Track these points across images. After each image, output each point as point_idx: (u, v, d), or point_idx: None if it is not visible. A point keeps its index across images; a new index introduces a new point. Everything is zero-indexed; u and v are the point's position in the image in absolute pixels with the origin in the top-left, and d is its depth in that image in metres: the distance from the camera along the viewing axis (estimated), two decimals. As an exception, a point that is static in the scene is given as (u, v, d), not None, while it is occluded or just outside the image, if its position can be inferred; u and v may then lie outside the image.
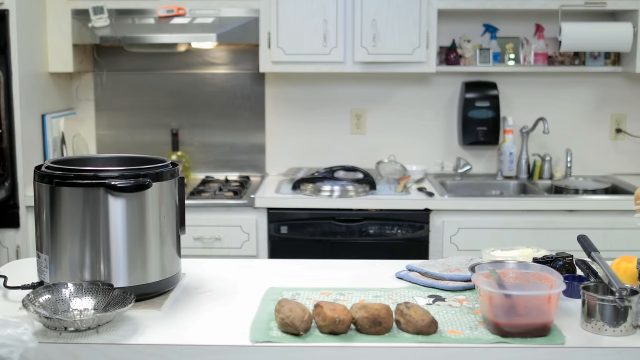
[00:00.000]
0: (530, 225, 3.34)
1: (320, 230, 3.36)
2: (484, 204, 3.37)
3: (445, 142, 3.97)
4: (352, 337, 1.54)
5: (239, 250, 3.36)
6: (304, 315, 1.53)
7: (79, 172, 1.69)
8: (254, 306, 1.73)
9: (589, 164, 3.96)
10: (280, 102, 3.95)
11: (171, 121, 3.97)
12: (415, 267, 1.99)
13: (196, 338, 1.55)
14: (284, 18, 3.52)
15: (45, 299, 1.62)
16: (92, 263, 1.69)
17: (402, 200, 3.37)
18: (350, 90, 3.94)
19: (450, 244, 3.35)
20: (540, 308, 1.52)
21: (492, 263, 1.71)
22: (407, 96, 3.94)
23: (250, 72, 3.92)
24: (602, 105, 3.94)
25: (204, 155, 4.00)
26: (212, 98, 3.96)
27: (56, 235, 1.70)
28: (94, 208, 1.67)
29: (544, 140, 3.93)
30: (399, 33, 3.51)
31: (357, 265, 2.10)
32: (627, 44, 3.55)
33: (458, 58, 3.82)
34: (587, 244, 1.80)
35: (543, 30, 3.81)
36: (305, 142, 3.98)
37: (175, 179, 1.80)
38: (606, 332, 1.55)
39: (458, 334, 1.55)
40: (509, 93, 3.92)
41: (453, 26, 3.86)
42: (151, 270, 1.74)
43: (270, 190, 3.52)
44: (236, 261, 2.15)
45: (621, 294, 1.55)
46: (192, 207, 3.33)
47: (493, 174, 3.94)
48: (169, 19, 3.56)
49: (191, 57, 3.93)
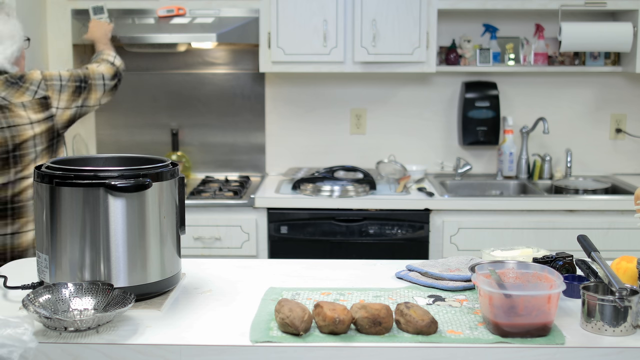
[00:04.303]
0: (530, 225, 3.34)
1: (320, 230, 3.36)
2: (484, 204, 3.37)
3: (445, 142, 3.97)
4: (352, 337, 1.54)
5: (239, 250, 3.36)
6: (304, 315, 1.53)
7: (79, 172, 1.69)
8: (254, 306, 1.73)
9: (589, 164, 3.96)
10: (280, 102, 3.95)
11: (171, 121, 3.97)
12: (415, 267, 1.99)
13: (196, 338, 1.55)
14: (284, 18, 3.52)
15: (45, 299, 1.62)
16: (92, 263, 1.69)
17: (402, 200, 3.37)
18: (350, 90, 3.94)
19: (450, 244, 3.35)
20: (540, 308, 1.52)
21: (492, 263, 1.71)
22: (407, 96, 3.94)
23: (250, 72, 3.92)
24: (602, 105, 3.94)
25: (204, 155, 4.00)
26: (212, 98, 3.96)
27: (56, 235, 1.70)
28: (94, 208, 1.67)
29: (544, 140, 3.93)
30: (399, 33, 3.51)
31: (357, 265, 2.10)
32: (627, 44, 3.55)
33: (458, 58, 3.82)
34: (587, 244, 1.80)
35: (543, 30, 3.81)
36: (305, 142, 3.98)
37: (175, 179, 1.80)
38: (606, 332, 1.55)
39: (458, 334, 1.55)
40: (509, 93, 3.92)
41: (453, 26, 3.86)
42: (151, 270, 1.74)
43: (270, 190, 3.52)
44: (236, 261, 2.15)
45: (621, 294, 1.55)
46: (192, 207, 3.33)
47: (493, 174, 3.94)
48: (169, 19, 3.56)
49: (191, 57, 3.93)
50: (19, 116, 2.47)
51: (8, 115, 2.45)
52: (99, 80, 2.74)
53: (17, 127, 2.46)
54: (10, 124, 2.45)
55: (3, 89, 2.48)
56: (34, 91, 2.52)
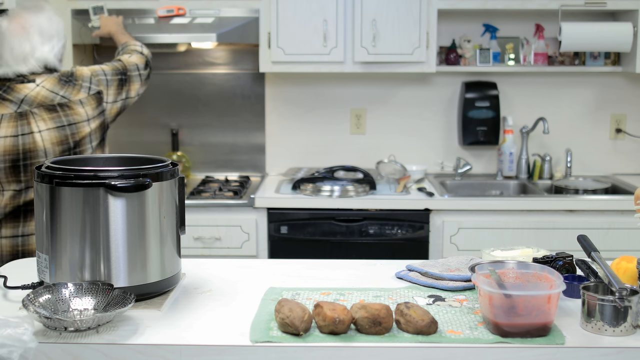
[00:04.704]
0: (530, 225, 3.34)
1: (320, 230, 3.36)
2: (484, 204, 3.37)
3: (445, 142, 3.97)
4: (352, 337, 1.54)
5: (239, 250, 3.36)
6: (304, 315, 1.53)
7: (79, 172, 1.68)
8: (254, 306, 1.73)
9: (589, 164, 3.96)
10: (280, 102, 3.95)
11: (171, 121, 3.97)
12: (415, 267, 1.99)
13: (196, 338, 1.55)
14: (284, 18, 3.52)
15: (45, 299, 1.62)
16: (92, 263, 1.69)
17: (402, 200, 3.37)
18: (350, 90, 3.94)
19: (450, 244, 3.35)
20: (540, 308, 1.52)
21: (492, 263, 1.71)
22: (407, 96, 3.94)
23: (250, 72, 3.92)
24: (602, 105, 3.94)
25: (204, 155, 4.00)
26: (212, 98, 3.96)
27: (56, 235, 1.70)
28: (94, 208, 1.67)
29: (544, 140, 3.93)
30: (399, 33, 3.51)
31: (357, 265, 2.10)
32: (627, 44, 3.55)
33: (458, 58, 3.82)
34: (587, 244, 1.80)
35: (543, 30, 3.81)
36: (305, 142, 3.98)
37: (175, 179, 1.80)
38: (606, 332, 1.55)
39: (458, 334, 1.55)
40: (509, 93, 3.92)
41: (453, 26, 3.86)
42: (151, 270, 1.74)
43: (270, 190, 3.52)
44: (236, 261, 2.15)
45: (621, 294, 1.55)
46: (192, 207, 3.33)
47: (493, 174, 3.94)
48: (169, 19, 3.56)
49: (191, 57, 3.93)
50: (78, 113, 2.50)
51: (68, 112, 2.48)
52: (135, 72, 2.78)
53: (76, 124, 2.49)
54: (71, 122, 2.48)
55: (60, 88, 2.50)
56: (87, 87, 2.55)
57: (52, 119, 2.45)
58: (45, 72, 2.51)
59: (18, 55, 2.48)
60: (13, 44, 2.48)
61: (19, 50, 2.48)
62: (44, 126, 2.43)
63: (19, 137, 2.41)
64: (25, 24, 2.51)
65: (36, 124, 2.42)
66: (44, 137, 2.43)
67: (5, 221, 2.45)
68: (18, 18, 2.53)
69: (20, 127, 2.41)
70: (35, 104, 2.44)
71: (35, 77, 2.48)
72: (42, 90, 2.47)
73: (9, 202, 2.44)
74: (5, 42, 2.49)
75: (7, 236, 2.45)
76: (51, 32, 2.55)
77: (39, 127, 2.43)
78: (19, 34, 2.49)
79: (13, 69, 2.48)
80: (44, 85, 2.48)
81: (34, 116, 2.43)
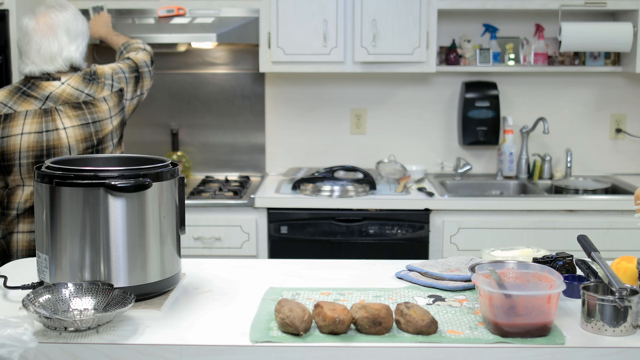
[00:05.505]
0: (530, 225, 3.34)
1: (320, 230, 3.36)
2: (484, 204, 3.37)
3: (445, 142, 3.97)
4: (352, 337, 1.54)
5: (239, 250, 3.36)
6: (304, 315, 1.53)
7: (79, 172, 1.69)
8: (254, 306, 1.73)
9: (589, 164, 3.96)
10: (280, 102, 3.95)
11: (171, 121, 3.97)
12: (415, 267, 1.99)
13: (196, 338, 1.55)
14: (284, 18, 3.52)
15: (45, 299, 1.62)
16: (92, 263, 1.69)
17: (402, 200, 3.37)
18: (350, 90, 3.94)
19: (450, 244, 3.35)
20: (540, 308, 1.52)
21: (492, 263, 1.71)
22: (407, 96, 3.94)
23: (250, 72, 3.92)
24: (602, 105, 3.94)
25: (204, 155, 4.00)
26: (212, 98, 3.96)
27: (56, 235, 1.70)
28: (94, 208, 1.67)
29: (544, 140, 3.93)
30: (399, 33, 3.51)
31: (357, 265, 2.10)
32: (627, 44, 3.55)
33: (458, 58, 3.82)
34: (587, 244, 1.80)
35: (543, 30, 3.81)
36: (305, 142, 3.98)
37: (175, 179, 1.80)
38: (606, 332, 1.55)
39: (458, 334, 1.55)
40: (509, 93, 3.92)
41: (453, 26, 3.86)
42: (151, 270, 1.74)
43: (270, 190, 3.52)
44: (236, 261, 2.15)
45: (621, 294, 1.55)
46: (192, 207, 3.33)
47: (493, 174, 3.94)
48: (169, 19, 3.56)
49: (191, 57, 3.93)
50: (102, 111, 2.53)
51: (93, 110, 2.50)
52: (145, 68, 2.81)
53: (100, 122, 2.52)
54: (95, 120, 2.51)
55: (85, 86, 2.53)
56: (110, 85, 2.59)
57: (77, 116, 2.48)
58: (70, 71, 2.54)
59: (46, 54, 2.50)
60: (41, 43, 2.49)
61: (47, 50, 2.50)
62: (69, 123, 2.45)
63: (44, 133, 2.42)
64: (52, 23, 2.53)
65: (61, 120, 2.44)
66: (68, 134, 2.45)
67: (23, 216, 2.46)
68: (44, 17, 2.53)
69: (45, 123, 2.43)
70: (60, 101, 2.47)
71: (61, 75, 2.51)
72: (68, 88, 2.49)
73: (29, 197, 2.45)
74: (32, 42, 2.50)
75: (24, 231, 2.46)
76: (77, 31, 2.57)
77: (64, 124, 2.44)
78: (46, 33, 2.51)
79: (40, 68, 2.50)
80: (69, 83, 2.50)
81: (59, 113, 2.45)
